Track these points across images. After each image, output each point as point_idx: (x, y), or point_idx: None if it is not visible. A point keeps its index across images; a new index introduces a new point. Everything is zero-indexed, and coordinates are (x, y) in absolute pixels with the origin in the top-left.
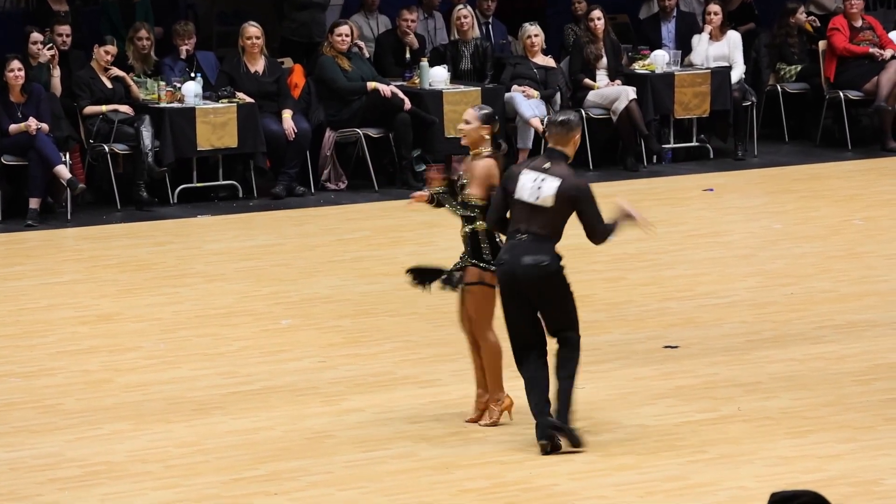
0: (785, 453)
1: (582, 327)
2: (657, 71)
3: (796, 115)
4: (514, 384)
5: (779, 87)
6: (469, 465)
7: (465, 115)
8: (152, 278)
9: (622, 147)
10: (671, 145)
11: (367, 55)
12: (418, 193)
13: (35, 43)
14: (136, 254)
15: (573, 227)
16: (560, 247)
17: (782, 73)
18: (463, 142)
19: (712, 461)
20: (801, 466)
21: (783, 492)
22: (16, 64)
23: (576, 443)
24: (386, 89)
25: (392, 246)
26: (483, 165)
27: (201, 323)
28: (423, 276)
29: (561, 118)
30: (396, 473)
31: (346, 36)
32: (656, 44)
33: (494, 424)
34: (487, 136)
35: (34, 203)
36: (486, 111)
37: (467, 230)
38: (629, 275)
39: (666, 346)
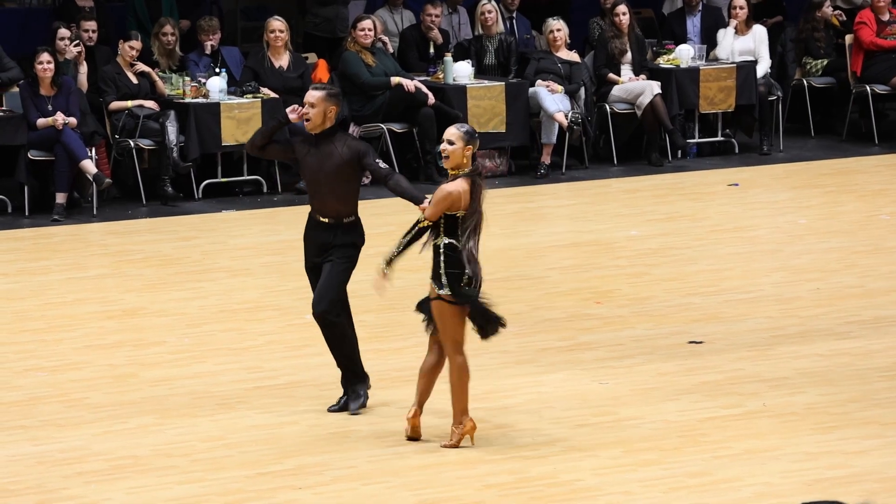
0: (810, 449)
1: (605, 322)
2: (682, 65)
3: (822, 110)
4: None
5: (805, 82)
6: (493, 461)
7: (448, 134)
8: (177, 273)
9: (646, 142)
10: (696, 140)
11: (391, 50)
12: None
13: (62, 39)
14: (162, 249)
15: (595, 222)
16: (579, 241)
17: (808, 67)
18: (445, 164)
19: (737, 457)
20: (827, 462)
21: (813, 502)
22: (45, 57)
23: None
24: (410, 84)
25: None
26: (449, 189)
27: (226, 318)
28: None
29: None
30: (420, 468)
31: (370, 31)
32: (681, 38)
33: (454, 446)
34: (468, 156)
35: (60, 198)
36: (468, 129)
37: (432, 245)
38: (653, 270)
39: (690, 342)
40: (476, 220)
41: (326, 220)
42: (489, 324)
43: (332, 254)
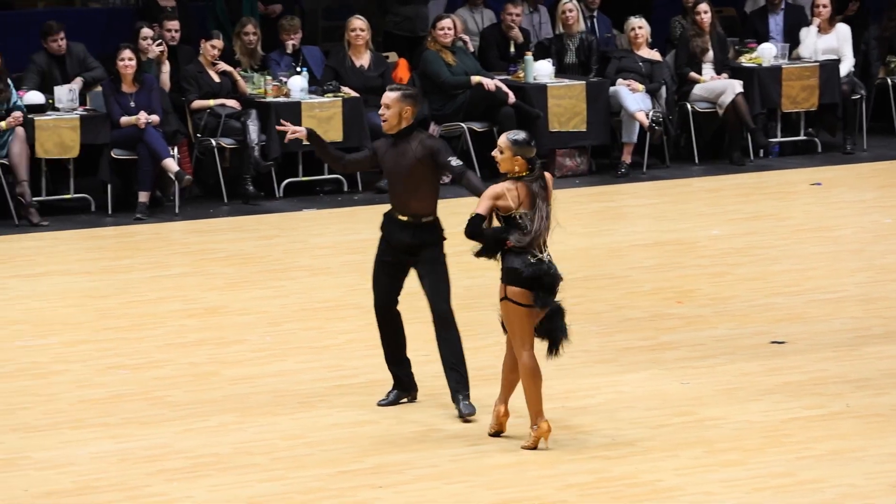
0: (895, 450)
1: (687, 322)
2: (764, 64)
3: None
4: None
5: (889, 80)
6: (573, 460)
7: (499, 141)
8: (258, 272)
9: (728, 141)
10: (778, 139)
11: (472, 49)
12: None
13: (145, 38)
14: (243, 247)
15: (676, 222)
16: (661, 241)
17: (892, 65)
18: (501, 168)
19: (820, 458)
20: None
21: None
22: (127, 53)
23: None
24: (490, 83)
25: None
26: (493, 186)
27: (307, 316)
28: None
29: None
30: (502, 467)
31: (449, 30)
32: (764, 37)
33: (531, 448)
34: (520, 165)
35: (143, 197)
36: (518, 138)
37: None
38: (735, 270)
39: (773, 342)
40: (539, 224)
41: (405, 218)
42: (553, 336)
43: (422, 257)
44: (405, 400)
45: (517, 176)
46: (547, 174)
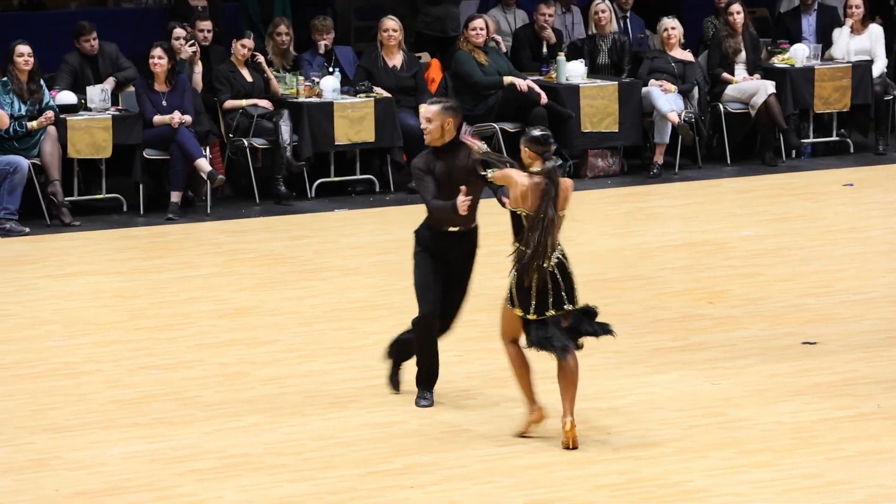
0: None
1: (718, 322)
2: (797, 65)
3: None
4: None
5: None
6: (603, 461)
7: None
8: (289, 272)
9: (760, 142)
10: (810, 140)
11: (504, 49)
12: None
13: (177, 38)
14: (274, 248)
15: (708, 222)
16: (692, 241)
17: None
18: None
19: (851, 459)
20: None
21: None
22: (158, 51)
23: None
24: (522, 84)
25: None
26: (513, 172)
27: (337, 316)
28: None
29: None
30: (531, 468)
31: (482, 30)
32: (796, 37)
33: (521, 435)
34: (532, 158)
35: (175, 197)
36: (531, 132)
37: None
38: (766, 270)
39: (804, 343)
40: (544, 226)
41: (456, 228)
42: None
43: (466, 267)
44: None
45: (538, 170)
46: (567, 180)
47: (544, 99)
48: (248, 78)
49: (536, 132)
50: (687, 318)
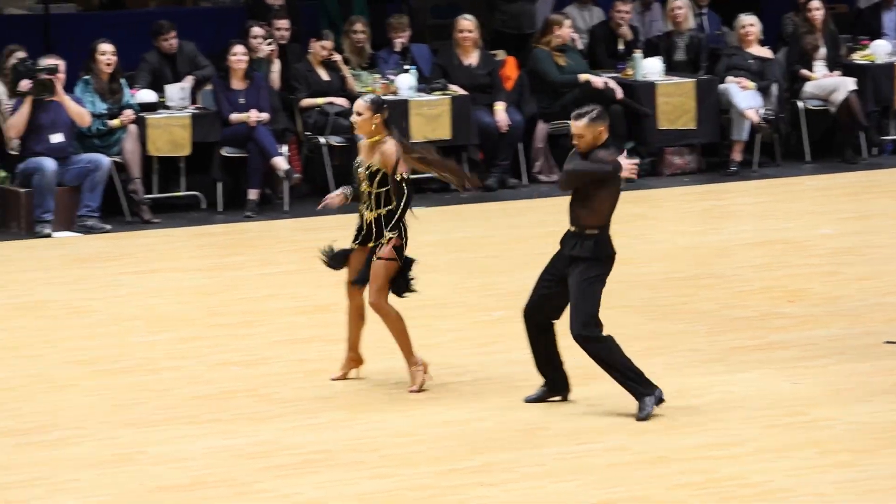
0: None
1: (797, 321)
2: (878, 61)
3: None
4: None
5: None
6: (683, 459)
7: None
8: None
9: (840, 139)
10: (891, 137)
11: (581, 47)
12: (330, 196)
13: (255, 37)
14: None
15: (786, 220)
16: (771, 239)
17: None
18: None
19: None
20: None
21: None
22: (239, 48)
23: None
24: (598, 81)
25: None
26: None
27: (414, 314)
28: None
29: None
30: (610, 466)
31: (568, 29)
32: (877, 34)
33: (421, 390)
34: (378, 124)
35: (253, 194)
36: (374, 98)
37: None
38: (846, 269)
39: (886, 342)
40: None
41: (572, 228)
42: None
43: (576, 266)
44: (556, 399)
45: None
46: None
47: (620, 94)
48: (325, 76)
49: (376, 97)
50: (765, 317)
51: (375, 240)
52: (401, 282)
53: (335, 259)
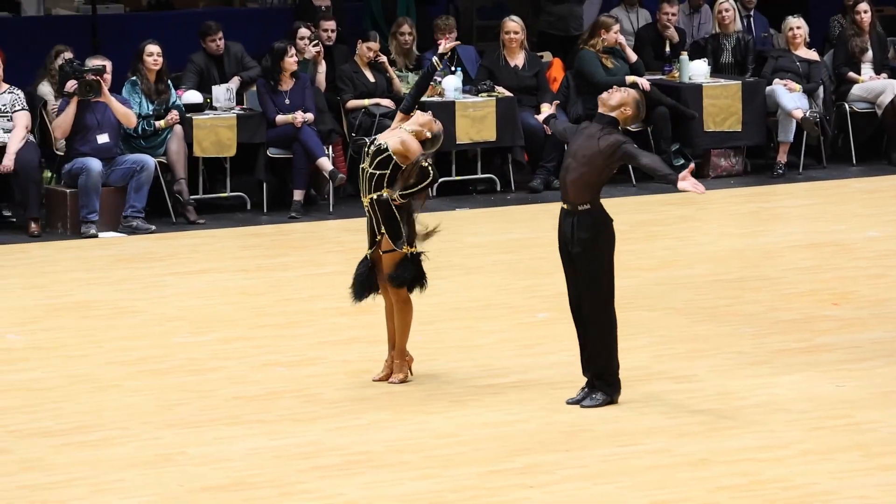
0: None
1: (843, 324)
2: None
3: None
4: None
5: None
6: (726, 462)
7: None
8: None
9: (887, 141)
10: None
11: (629, 51)
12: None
13: (302, 38)
14: None
15: (833, 223)
16: (817, 242)
17: None
18: None
19: None
20: None
21: None
22: (292, 50)
23: None
24: (646, 83)
25: (648, 240)
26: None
27: (458, 315)
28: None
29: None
30: (652, 468)
31: (615, 32)
32: None
33: (405, 381)
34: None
35: (298, 195)
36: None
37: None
38: (893, 272)
39: None
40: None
41: (565, 205)
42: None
43: (579, 247)
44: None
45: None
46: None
47: (646, 86)
48: (371, 78)
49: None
50: (811, 320)
51: (378, 230)
52: (411, 277)
53: (362, 288)
